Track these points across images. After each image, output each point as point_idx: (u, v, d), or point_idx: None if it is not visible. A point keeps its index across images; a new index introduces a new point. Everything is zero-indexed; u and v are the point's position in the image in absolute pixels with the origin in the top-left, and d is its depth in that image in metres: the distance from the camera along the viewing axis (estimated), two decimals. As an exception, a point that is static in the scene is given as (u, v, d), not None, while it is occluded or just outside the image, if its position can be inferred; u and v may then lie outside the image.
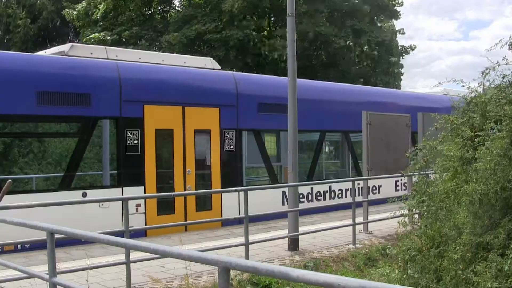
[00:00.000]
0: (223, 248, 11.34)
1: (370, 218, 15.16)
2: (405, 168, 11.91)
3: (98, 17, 33.38)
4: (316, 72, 32.87)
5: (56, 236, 6.35)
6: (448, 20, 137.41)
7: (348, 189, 17.91)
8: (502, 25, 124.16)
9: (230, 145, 16.82)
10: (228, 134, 16.78)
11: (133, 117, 14.81)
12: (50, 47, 18.25)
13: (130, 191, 14.51)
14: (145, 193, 14.87)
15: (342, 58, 35.72)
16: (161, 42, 31.61)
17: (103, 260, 10.66)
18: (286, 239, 13.07)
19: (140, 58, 16.36)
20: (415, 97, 23.76)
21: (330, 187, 18.78)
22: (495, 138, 8.83)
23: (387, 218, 12.42)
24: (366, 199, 15.04)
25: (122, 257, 9.73)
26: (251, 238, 11.68)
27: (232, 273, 10.16)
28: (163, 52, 32.01)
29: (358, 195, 16.65)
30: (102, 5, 33.11)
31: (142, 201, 14.77)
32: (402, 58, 43.22)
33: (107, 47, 16.95)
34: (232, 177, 16.74)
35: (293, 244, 13.00)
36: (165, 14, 37.34)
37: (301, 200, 17.47)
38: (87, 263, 9.22)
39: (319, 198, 18.72)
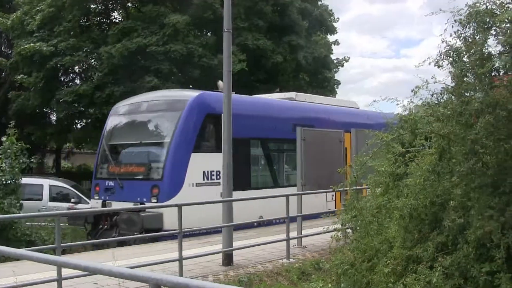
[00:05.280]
0: (157, 264, 11.24)
1: (304, 232, 15.27)
2: (339, 183, 12.09)
3: (35, 28, 32.76)
4: (254, 87, 32.93)
5: None
6: (380, 38, 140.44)
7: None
8: (431, 44, 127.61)
9: None
10: None
11: None
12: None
13: None
14: None
15: (281, 74, 35.96)
16: (100, 53, 31.23)
17: (33, 277, 10.38)
18: (221, 254, 13.05)
19: (316, 100, 24.54)
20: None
21: None
22: (425, 154, 9.06)
23: (321, 233, 12.56)
24: (300, 214, 15.17)
25: (54, 274, 9.53)
26: (185, 253, 11.62)
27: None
28: (101, 63, 31.74)
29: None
30: (38, 15, 32.51)
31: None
32: (337, 71, 43.99)
33: (307, 94, 26.34)
34: None
35: (228, 259, 12.98)
36: (103, 26, 36.91)
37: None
38: (16, 280, 9.01)
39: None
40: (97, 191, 19.40)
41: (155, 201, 17.24)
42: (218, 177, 17.82)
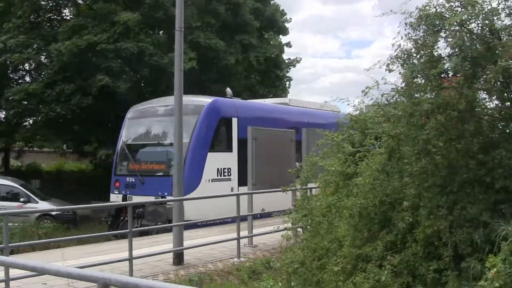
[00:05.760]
0: (106, 263, 11.12)
1: (255, 231, 15.28)
2: (290, 183, 12.13)
3: (-17, 25, 32.06)
4: (206, 87, 32.81)
5: None
6: (332, 39, 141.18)
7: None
8: (383, 45, 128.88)
9: None
10: None
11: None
12: None
13: None
14: None
15: (233, 75, 35.92)
16: (50, 50, 30.67)
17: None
18: (171, 253, 12.98)
19: (306, 104, 27.00)
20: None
21: None
22: (374, 154, 9.15)
23: (271, 232, 12.59)
24: (251, 213, 15.18)
25: (1, 274, 9.36)
26: (135, 253, 11.52)
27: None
28: (51, 61, 31.22)
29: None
30: (-13, 12, 31.84)
31: None
32: (288, 71, 44.23)
33: (298, 99, 28.66)
34: None
35: (178, 259, 12.92)
36: (54, 22, 36.24)
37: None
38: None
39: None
40: (117, 186, 21.33)
41: None
42: (229, 173, 20.74)
